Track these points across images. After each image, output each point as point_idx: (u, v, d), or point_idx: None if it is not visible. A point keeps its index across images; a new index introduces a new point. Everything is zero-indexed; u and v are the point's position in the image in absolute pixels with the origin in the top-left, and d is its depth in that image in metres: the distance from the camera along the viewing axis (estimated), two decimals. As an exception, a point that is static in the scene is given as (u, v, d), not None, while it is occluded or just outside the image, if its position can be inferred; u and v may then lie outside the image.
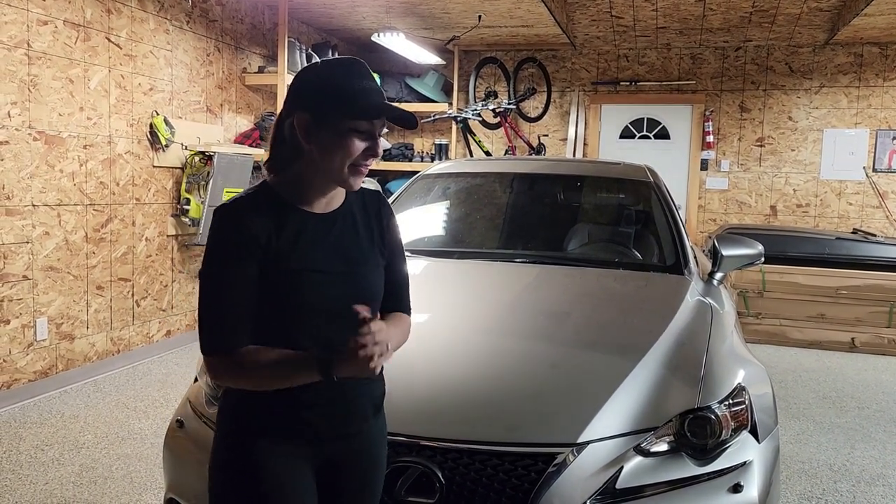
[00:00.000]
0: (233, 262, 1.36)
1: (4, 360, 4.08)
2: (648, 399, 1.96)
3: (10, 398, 4.08)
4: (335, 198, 1.48)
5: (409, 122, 1.41)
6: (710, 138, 7.58)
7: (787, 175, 7.52)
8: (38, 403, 4.15)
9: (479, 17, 6.41)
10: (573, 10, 6.51)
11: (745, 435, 1.98)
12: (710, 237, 7.21)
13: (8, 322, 4.09)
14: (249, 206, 1.39)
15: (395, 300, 1.57)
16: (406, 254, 3.08)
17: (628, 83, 7.80)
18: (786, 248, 6.32)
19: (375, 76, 7.00)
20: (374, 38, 6.72)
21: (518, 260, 3.04)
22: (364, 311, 1.29)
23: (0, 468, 3.29)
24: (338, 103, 1.36)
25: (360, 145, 1.37)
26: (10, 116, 4.01)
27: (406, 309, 1.61)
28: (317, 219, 1.45)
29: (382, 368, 1.41)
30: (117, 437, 3.68)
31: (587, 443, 1.80)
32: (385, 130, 1.46)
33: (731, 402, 1.99)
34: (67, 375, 4.48)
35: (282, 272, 1.38)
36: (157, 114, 5.07)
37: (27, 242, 4.17)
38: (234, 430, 1.46)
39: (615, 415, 1.89)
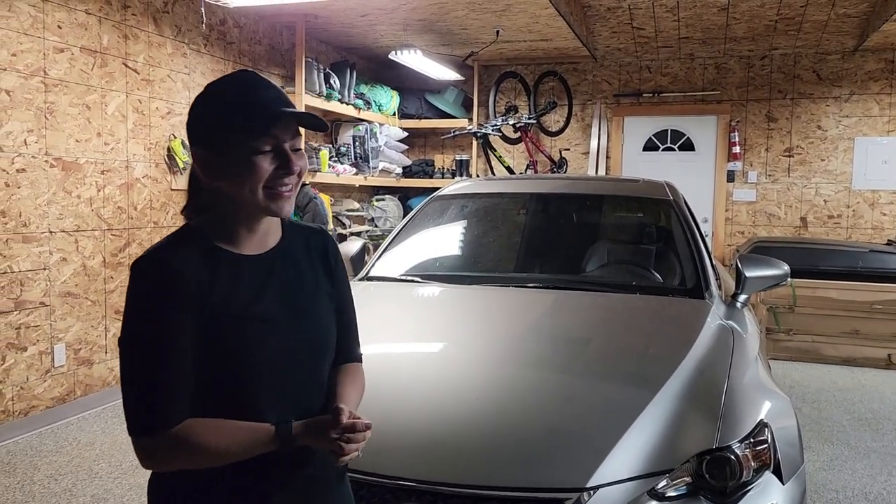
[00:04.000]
0: (164, 320, 1.16)
1: (22, 388, 4.08)
2: (664, 438, 1.85)
3: (27, 426, 4.08)
4: (269, 235, 1.31)
5: (318, 125, 1.24)
6: (737, 149, 7.41)
7: (818, 185, 7.32)
8: (54, 431, 4.14)
9: (498, 32, 6.35)
10: (593, 23, 6.42)
11: (768, 476, 1.86)
12: (737, 251, 7.04)
13: (25, 349, 4.09)
14: (175, 253, 1.21)
15: (346, 350, 1.40)
16: (417, 279, 3.05)
17: (651, 95, 7.67)
18: (817, 262, 6.13)
19: (395, 93, 6.83)
20: (393, 55, 6.71)
21: (532, 285, 2.95)
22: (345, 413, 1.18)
23: (13, 499, 3.27)
24: (230, 125, 1.20)
25: (267, 167, 1.20)
26: (26, 144, 4.03)
27: (359, 357, 1.45)
28: (252, 261, 1.27)
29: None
30: (131, 465, 3.65)
31: (597, 487, 1.71)
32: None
33: (752, 440, 1.88)
34: (85, 401, 4.47)
35: (219, 324, 1.19)
36: (175, 137, 5.08)
37: (44, 269, 4.18)
38: None
39: (628, 455, 1.79)
